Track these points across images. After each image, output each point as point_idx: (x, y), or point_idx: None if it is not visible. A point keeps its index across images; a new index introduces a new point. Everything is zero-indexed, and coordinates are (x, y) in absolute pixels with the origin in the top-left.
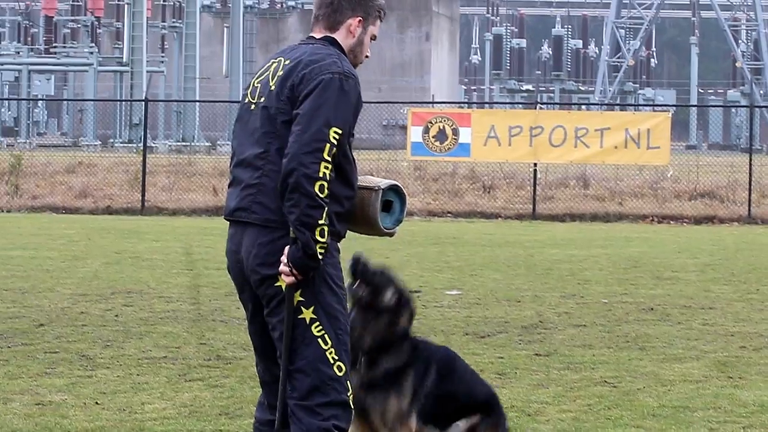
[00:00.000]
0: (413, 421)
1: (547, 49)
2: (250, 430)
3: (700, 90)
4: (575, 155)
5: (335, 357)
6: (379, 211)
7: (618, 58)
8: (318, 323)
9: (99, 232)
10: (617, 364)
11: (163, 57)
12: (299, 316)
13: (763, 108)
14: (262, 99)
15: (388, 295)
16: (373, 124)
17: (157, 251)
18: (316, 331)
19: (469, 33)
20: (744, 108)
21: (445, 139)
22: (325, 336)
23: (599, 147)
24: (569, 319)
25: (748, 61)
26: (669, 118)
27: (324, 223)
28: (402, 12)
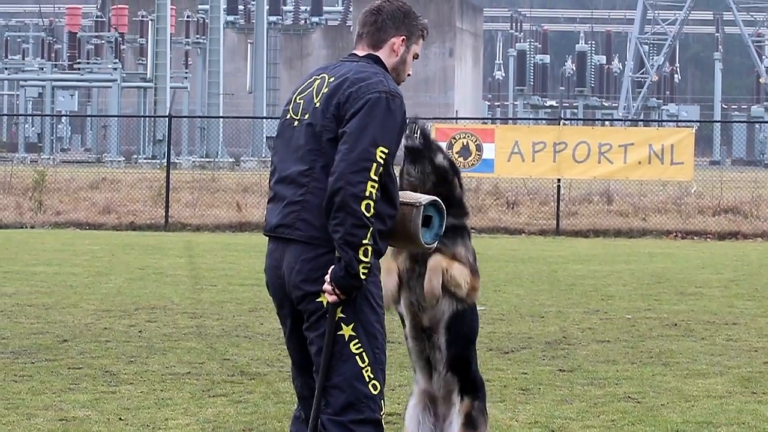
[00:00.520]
0: (478, 281)
1: (570, 65)
2: None
3: (724, 105)
4: (599, 171)
5: (371, 375)
6: (420, 226)
7: (642, 73)
8: (357, 341)
9: (123, 247)
10: (641, 380)
11: (186, 73)
12: (338, 333)
13: None
14: (306, 116)
15: (440, 157)
16: None
17: (181, 267)
18: (354, 348)
19: (493, 49)
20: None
21: (469, 155)
22: (363, 354)
23: (623, 163)
24: (593, 334)
25: None
26: (693, 134)
27: (368, 242)
28: None
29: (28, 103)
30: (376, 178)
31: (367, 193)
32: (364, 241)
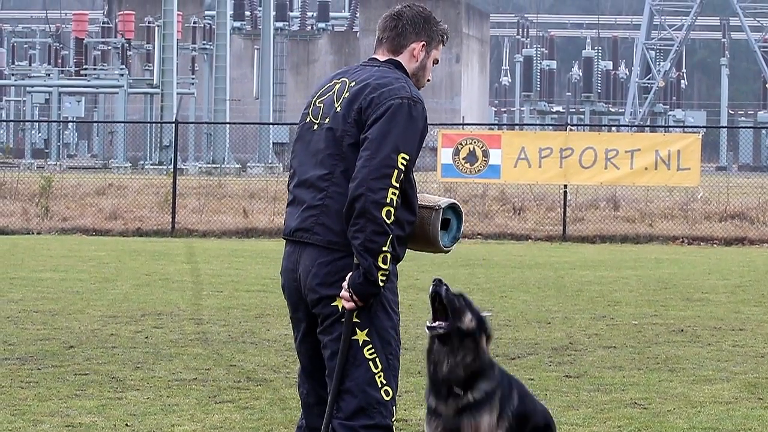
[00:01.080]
0: None
1: (577, 71)
2: None
3: (731, 111)
4: (605, 177)
5: (383, 381)
6: (439, 230)
7: (648, 79)
8: (371, 346)
9: (129, 254)
10: (647, 386)
11: (193, 79)
12: (353, 337)
13: None
14: (327, 120)
15: (467, 319)
16: None
17: (188, 273)
18: (368, 353)
19: (500, 54)
20: None
21: (476, 161)
22: (377, 359)
23: (629, 168)
24: (599, 340)
25: None
26: (699, 140)
27: (387, 250)
28: None
29: (35, 109)
30: (397, 185)
31: (388, 200)
32: (384, 249)
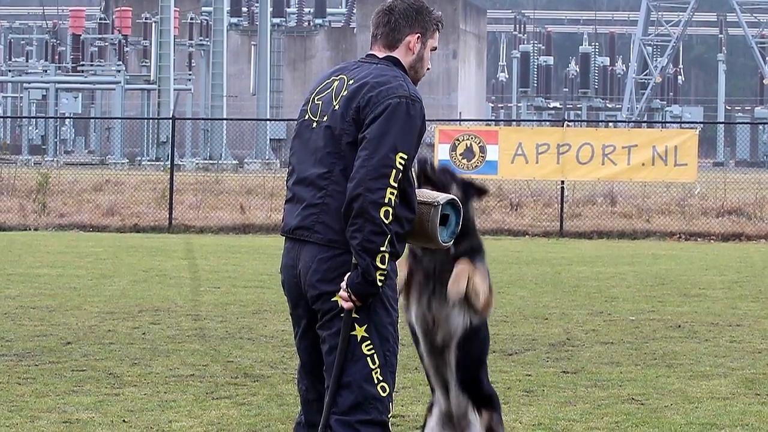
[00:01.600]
0: (493, 298)
1: (574, 67)
2: None
3: (728, 107)
4: (602, 172)
5: (380, 377)
6: (438, 225)
7: (645, 75)
8: (369, 342)
9: (126, 250)
10: (644, 382)
11: (190, 75)
12: (351, 333)
13: None
14: (325, 118)
15: (453, 192)
16: None
17: (185, 269)
18: (366, 349)
19: (497, 50)
20: None
21: (473, 157)
22: (374, 356)
23: (626, 164)
24: (596, 336)
25: None
26: (696, 135)
27: (386, 250)
28: None
29: (32, 105)
30: (395, 185)
31: (386, 200)
32: (382, 249)
